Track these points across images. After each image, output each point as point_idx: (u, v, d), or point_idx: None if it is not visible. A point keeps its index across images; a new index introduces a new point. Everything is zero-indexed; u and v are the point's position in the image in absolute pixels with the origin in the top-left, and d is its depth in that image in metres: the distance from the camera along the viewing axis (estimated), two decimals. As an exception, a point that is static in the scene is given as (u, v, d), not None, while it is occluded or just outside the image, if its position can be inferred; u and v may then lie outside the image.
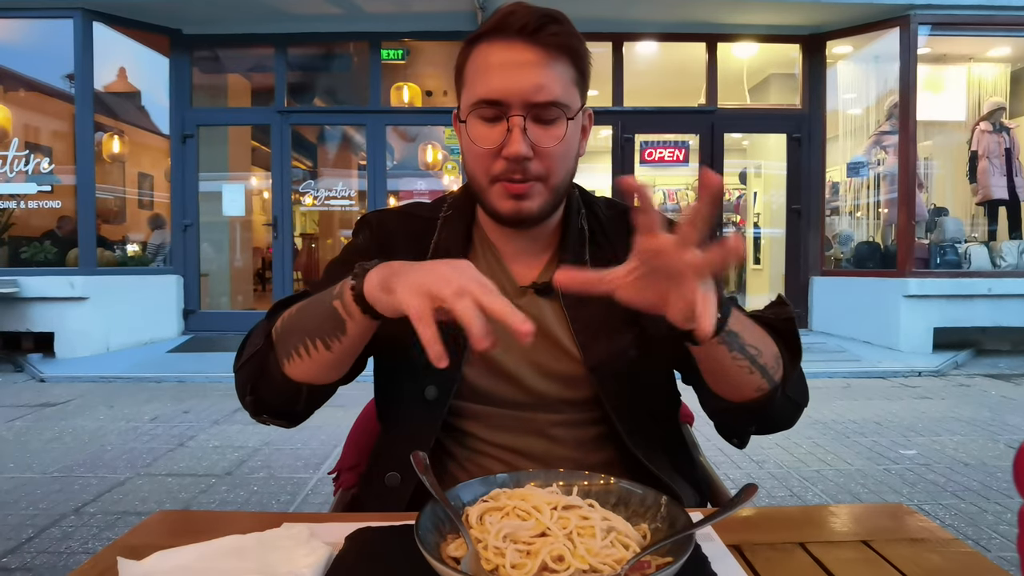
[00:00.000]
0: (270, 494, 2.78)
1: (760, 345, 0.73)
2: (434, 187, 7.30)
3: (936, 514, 2.53)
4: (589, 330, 0.85)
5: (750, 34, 6.57)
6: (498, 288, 0.81)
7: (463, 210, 0.94)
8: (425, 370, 0.84)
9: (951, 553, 0.62)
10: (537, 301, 0.88)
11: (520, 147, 0.78)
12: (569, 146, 0.83)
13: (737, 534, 0.66)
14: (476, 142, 0.82)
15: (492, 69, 0.80)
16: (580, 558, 0.53)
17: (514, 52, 0.79)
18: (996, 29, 6.21)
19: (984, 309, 5.90)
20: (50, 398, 4.54)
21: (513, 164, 0.80)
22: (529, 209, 0.83)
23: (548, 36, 0.79)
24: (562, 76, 0.81)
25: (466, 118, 0.83)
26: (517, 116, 0.79)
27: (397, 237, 0.92)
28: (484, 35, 0.82)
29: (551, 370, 0.86)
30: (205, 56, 6.83)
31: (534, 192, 0.82)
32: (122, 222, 6.84)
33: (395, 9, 6.05)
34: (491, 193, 0.83)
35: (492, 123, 0.81)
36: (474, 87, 0.81)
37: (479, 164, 0.83)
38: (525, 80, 0.78)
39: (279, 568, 0.56)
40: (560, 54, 0.80)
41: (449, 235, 0.92)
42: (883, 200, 6.53)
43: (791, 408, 0.81)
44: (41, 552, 2.22)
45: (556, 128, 0.81)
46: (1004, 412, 4.12)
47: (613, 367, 0.84)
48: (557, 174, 0.83)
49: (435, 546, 0.56)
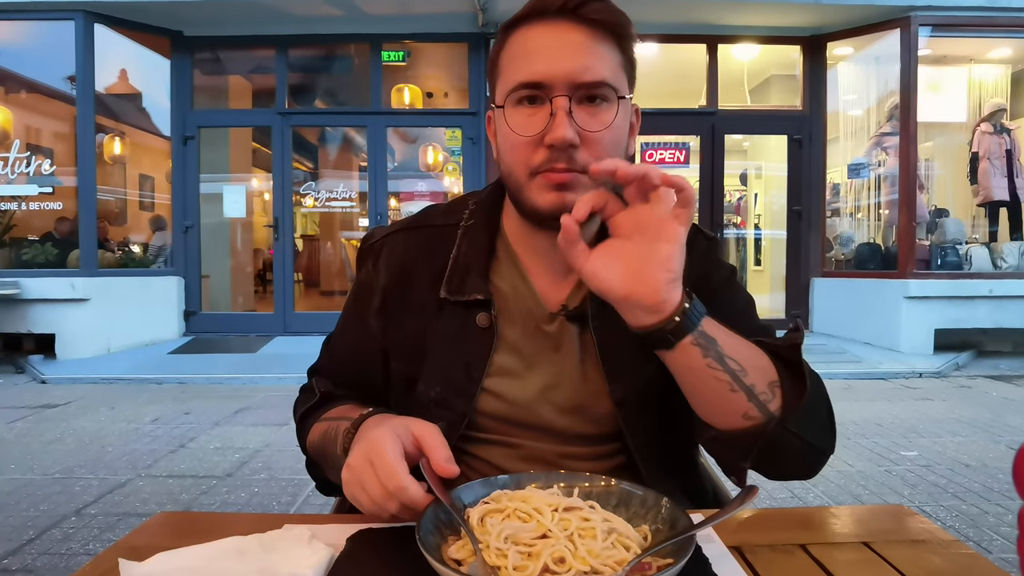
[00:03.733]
0: (271, 495, 2.78)
1: (745, 363, 0.68)
2: (435, 188, 7.30)
3: (937, 515, 2.52)
4: (617, 359, 0.80)
5: (751, 35, 6.57)
6: (525, 311, 0.83)
7: (487, 218, 0.87)
8: (435, 406, 0.82)
9: (952, 554, 0.62)
10: (566, 327, 0.82)
11: (566, 131, 0.71)
12: (618, 134, 0.76)
13: (738, 535, 0.66)
14: (515, 129, 0.74)
15: (532, 52, 0.74)
16: (581, 560, 0.53)
17: (557, 32, 0.74)
18: (997, 30, 6.21)
19: (985, 310, 5.89)
20: (51, 399, 4.54)
21: (557, 152, 0.72)
22: (573, 202, 0.72)
23: (593, 12, 0.73)
24: (609, 57, 0.75)
25: (503, 104, 0.76)
26: (562, 97, 0.72)
27: (410, 260, 0.86)
28: (521, 19, 0.76)
29: (573, 404, 0.81)
30: (206, 58, 6.84)
31: (579, 183, 0.73)
32: (123, 224, 6.85)
33: (396, 11, 6.05)
34: (530, 188, 0.75)
35: (533, 107, 0.74)
36: (513, 73, 0.75)
37: (517, 156, 0.75)
38: (570, 60, 0.72)
39: (280, 569, 0.56)
40: (606, 34, 0.75)
41: (470, 248, 0.85)
42: (884, 201, 6.53)
43: (804, 449, 0.72)
44: (42, 553, 2.22)
45: (605, 112, 0.74)
46: (1005, 413, 4.12)
47: (639, 401, 0.80)
48: None
49: (436, 547, 0.56)
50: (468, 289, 0.82)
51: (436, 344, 0.83)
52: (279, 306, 6.70)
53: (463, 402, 0.80)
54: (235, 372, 5.23)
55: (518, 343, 0.83)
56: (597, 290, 0.66)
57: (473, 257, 0.84)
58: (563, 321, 0.82)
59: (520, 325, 0.83)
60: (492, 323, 0.82)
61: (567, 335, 0.82)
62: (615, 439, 0.82)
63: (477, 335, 0.82)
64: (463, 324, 0.82)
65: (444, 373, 0.82)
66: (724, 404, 0.69)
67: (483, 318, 0.82)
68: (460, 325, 0.82)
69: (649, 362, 0.78)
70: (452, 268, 0.84)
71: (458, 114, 6.78)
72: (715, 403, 0.70)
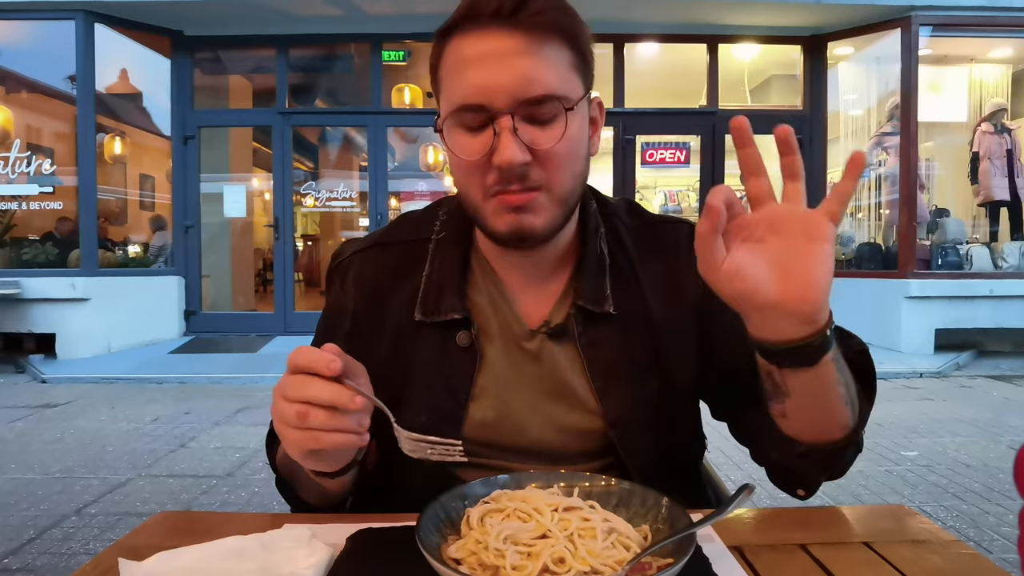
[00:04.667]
0: (271, 495, 2.78)
1: (848, 373, 0.63)
2: (435, 188, 7.30)
3: (938, 515, 2.52)
4: (608, 376, 0.75)
5: (751, 35, 6.56)
6: (504, 327, 0.78)
7: (459, 229, 0.80)
8: (423, 432, 0.78)
9: (953, 555, 0.62)
10: (549, 345, 0.77)
11: (513, 153, 0.65)
12: (574, 144, 0.69)
13: (738, 535, 0.66)
14: (460, 153, 0.68)
15: (467, 66, 0.67)
16: (581, 560, 0.53)
17: (491, 41, 0.66)
18: (997, 30, 6.21)
19: (986, 310, 5.89)
20: (51, 399, 4.54)
21: (508, 174, 0.66)
22: (531, 225, 0.69)
23: (531, 16, 0.65)
24: (555, 61, 0.67)
25: (447, 132, 0.69)
26: (504, 117, 0.65)
27: (381, 281, 0.81)
28: (455, 26, 0.69)
29: (564, 423, 0.76)
30: (207, 57, 6.85)
31: (536, 205, 0.69)
32: (124, 223, 6.86)
33: (396, 10, 6.05)
34: (486, 210, 0.70)
35: (476, 132, 0.68)
36: (451, 90, 0.69)
37: (468, 179, 0.70)
38: (508, 73, 0.65)
39: (281, 569, 0.56)
40: (549, 35, 0.66)
41: (443, 264, 0.79)
42: (884, 201, 6.53)
43: (857, 451, 0.70)
44: (42, 553, 2.22)
45: (555, 125, 0.67)
46: (1006, 413, 4.12)
47: (634, 419, 0.75)
48: (563, 181, 0.69)
49: (436, 547, 0.56)
50: (444, 308, 0.76)
51: (416, 369, 0.77)
52: (279, 306, 6.70)
53: (452, 428, 0.75)
54: (235, 372, 5.23)
55: (499, 361, 0.77)
56: (736, 293, 0.56)
57: (447, 274, 0.78)
58: (544, 338, 0.77)
59: (500, 343, 0.78)
60: (473, 342, 0.77)
61: (548, 352, 0.77)
62: (606, 454, 0.77)
63: (458, 356, 0.76)
64: (442, 346, 0.77)
65: (428, 399, 0.76)
66: (833, 418, 0.64)
67: (463, 337, 0.76)
68: (439, 347, 0.77)
69: (644, 380, 0.76)
70: (425, 287, 0.78)
71: (458, 114, 6.77)
72: (825, 419, 0.64)
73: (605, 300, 0.76)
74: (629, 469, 0.75)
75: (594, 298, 0.76)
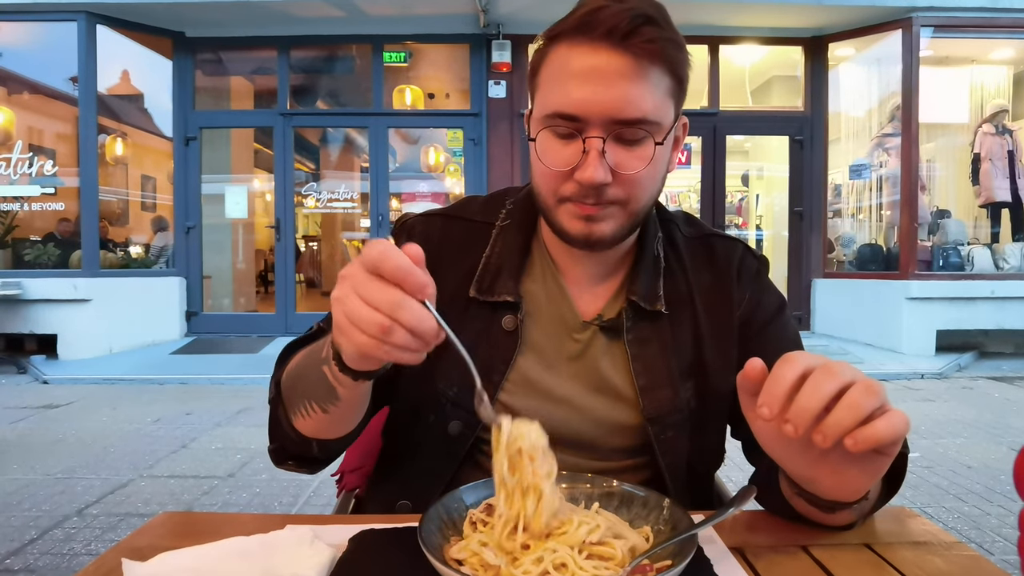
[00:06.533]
0: (273, 496, 2.79)
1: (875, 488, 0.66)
2: (436, 189, 7.30)
3: (939, 517, 2.52)
4: (650, 375, 0.78)
5: (752, 36, 6.57)
6: (557, 317, 0.79)
7: (523, 219, 0.84)
8: (452, 405, 0.78)
9: (954, 556, 0.62)
10: (598, 339, 0.80)
11: (596, 173, 0.68)
12: (656, 168, 0.72)
13: (739, 536, 0.66)
14: (546, 159, 0.71)
15: (571, 78, 0.68)
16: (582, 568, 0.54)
17: (599, 58, 0.67)
18: (999, 31, 6.20)
19: (987, 311, 5.89)
20: (53, 400, 4.54)
21: (587, 188, 0.69)
22: (602, 233, 0.73)
23: (642, 42, 0.66)
24: (655, 88, 0.69)
25: (536, 133, 0.72)
26: (595, 139, 0.68)
27: (443, 249, 0.82)
28: (565, 33, 0.69)
29: (603, 417, 0.78)
30: (208, 59, 6.85)
31: (609, 215, 0.72)
32: (125, 224, 6.86)
33: (397, 12, 6.06)
34: (559, 212, 0.74)
35: (566, 140, 0.70)
36: (549, 95, 0.70)
37: (547, 181, 0.73)
38: (609, 93, 0.67)
39: (283, 570, 0.56)
40: (655, 62, 0.68)
41: (504, 249, 0.82)
42: (885, 202, 6.52)
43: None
44: (44, 554, 2.22)
45: (642, 149, 0.69)
46: (1007, 415, 4.11)
47: (672, 419, 0.77)
48: (639, 199, 0.73)
49: (438, 548, 0.57)
50: (498, 290, 0.80)
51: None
52: (281, 307, 6.70)
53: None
54: (237, 372, 5.23)
55: (544, 349, 0.80)
56: (774, 457, 0.61)
57: (506, 258, 0.81)
58: (595, 331, 0.80)
59: (549, 330, 0.81)
60: (518, 327, 0.79)
61: (596, 345, 0.80)
62: (641, 452, 0.79)
63: (501, 337, 0.79)
64: (488, 325, 0.80)
65: (463, 372, 0.77)
66: (839, 520, 0.66)
67: (509, 321, 0.79)
68: (485, 326, 0.80)
69: (684, 382, 0.78)
70: (484, 268, 0.81)
71: (459, 115, 6.78)
72: (831, 520, 0.66)
73: (657, 299, 0.80)
74: (662, 468, 0.77)
75: (647, 296, 0.79)
